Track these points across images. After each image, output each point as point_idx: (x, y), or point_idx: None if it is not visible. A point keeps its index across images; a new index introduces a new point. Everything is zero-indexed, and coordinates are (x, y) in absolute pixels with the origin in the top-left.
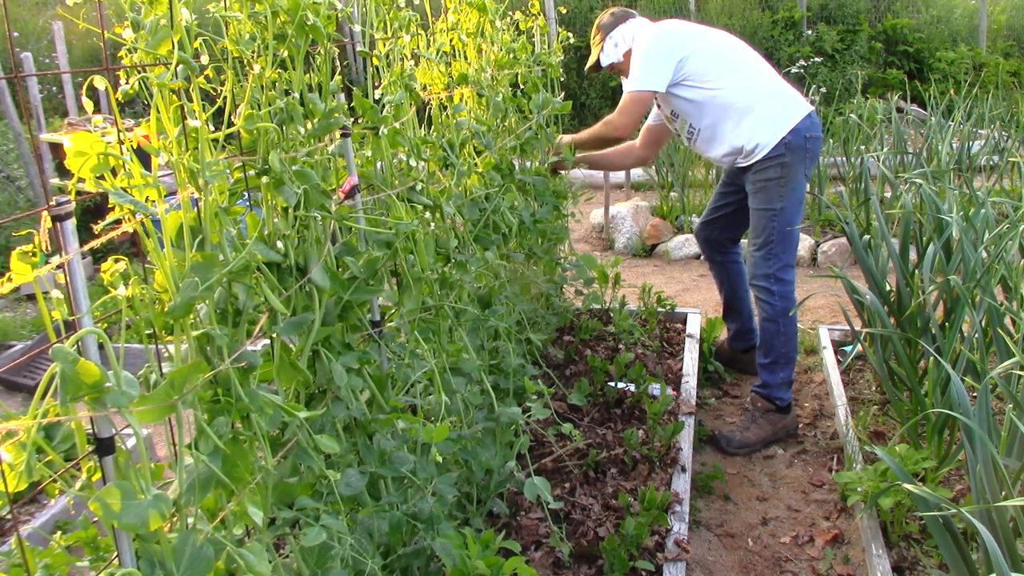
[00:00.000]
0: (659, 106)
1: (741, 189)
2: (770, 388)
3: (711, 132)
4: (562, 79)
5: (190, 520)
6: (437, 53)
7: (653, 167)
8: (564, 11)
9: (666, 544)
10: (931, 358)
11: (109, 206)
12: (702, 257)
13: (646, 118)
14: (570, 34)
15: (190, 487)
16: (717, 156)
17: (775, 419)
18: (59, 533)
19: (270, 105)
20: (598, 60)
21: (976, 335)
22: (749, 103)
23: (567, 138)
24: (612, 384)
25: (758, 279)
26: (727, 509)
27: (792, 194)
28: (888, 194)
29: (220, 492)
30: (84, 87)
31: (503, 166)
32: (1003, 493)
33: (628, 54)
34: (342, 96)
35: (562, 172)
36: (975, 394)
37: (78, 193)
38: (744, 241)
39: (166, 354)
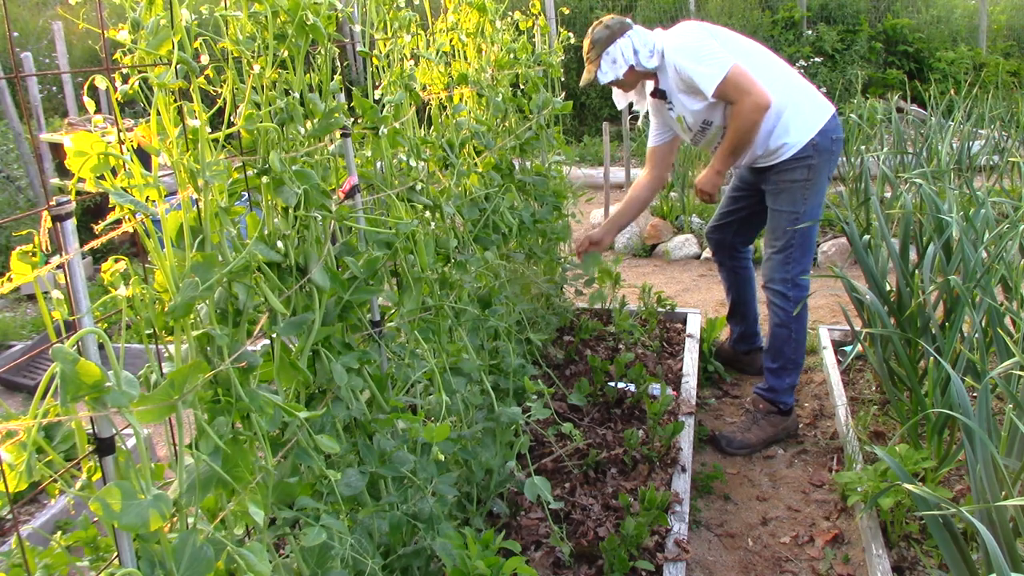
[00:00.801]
0: (683, 119)
1: (755, 192)
2: (776, 392)
3: None
4: (562, 79)
5: (190, 520)
6: (437, 53)
7: None
8: (567, 11)
9: (666, 544)
10: (931, 358)
11: (109, 206)
12: (702, 257)
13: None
14: (571, 34)
15: (190, 487)
16: (746, 160)
17: (776, 421)
18: (59, 533)
19: (270, 105)
20: (595, 77)
21: (976, 335)
22: (780, 103)
23: (712, 164)
24: (612, 384)
25: (775, 283)
26: (727, 509)
27: (815, 197)
28: (888, 194)
29: (220, 492)
30: (85, 87)
31: (503, 166)
32: (1003, 493)
33: (631, 71)
34: (342, 96)
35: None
36: (975, 394)
37: (78, 193)
38: (751, 245)
39: (166, 354)
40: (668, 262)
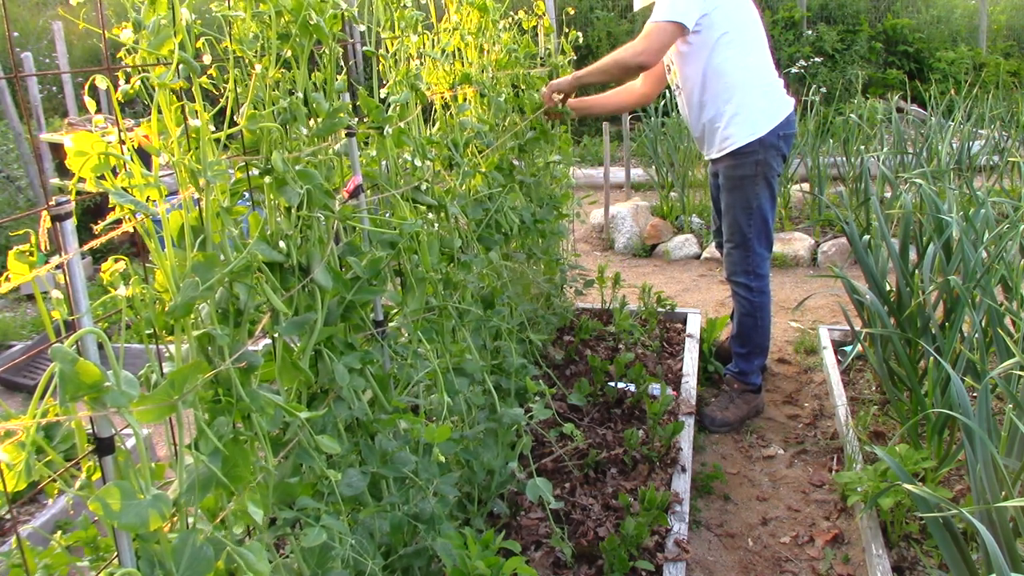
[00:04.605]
0: None
1: None
2: (746, 375)
3: (697, 95)
4: None
5: (190, 520)
6: (443, 53)
7: (653, 167)
8: (572, 12)
9: (666, 544)
10: (931, 358)
11: (109, 206)
12: (702, 257)
13: None
14: (579, 33)
15: (190, 487)
16: (693, 123)
17: (750, 399)
18: (59, 533)
19: (273, 105)
20: (631, 4)
21: (976, 335)
22: (733, 99)
23: (569, 78)
24: (612, 384)
25: (738, 275)
26: (727, 509)
27: (767, 189)
28: (888, 194)
29: (220, 492)
30: (86, 87)
31: (504, 166)
32: (1003, 493)
33: None
34: (347, 96)
35: (566, 111)
36: (975, 394)
37: (78, 193)
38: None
39: (167, 354)
40: (668, 262)
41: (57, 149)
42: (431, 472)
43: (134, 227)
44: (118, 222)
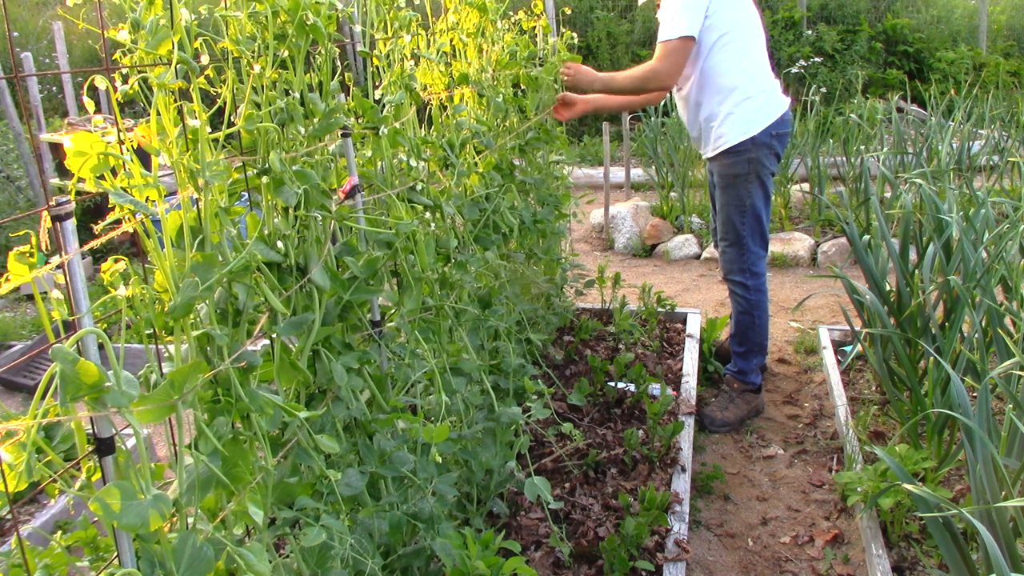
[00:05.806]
0: None
1: None
2: (745, 374)
3: (694, 95)
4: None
5: (190, 520)
6: (437, 53)
7: (653, 167)
8: (569, 11)
9: (666, 544)
10: (931, 358)
11: (109, 206)
12: (702, 257)
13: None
14: (574, 34)
15: (190, 487)
16: (690, 122)
17: (750, 399)
18: (59, 533)
19: (270, 105)
20: (634, 2)
21: (976, 335)
22: (729, 98)
23: (603, 76)
24: (612, 384)
25: (734, 274)
26: (727, 509)
27: (760, 188)
28: (888, 194)
29: (220, 492)
30: (85, 87)
31: (503, 166)
32: (1003, 493)
33: None
34: (343, 96)
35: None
36: (975, 394)
37: (78, 193)
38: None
39: (166, 354)
40: (668, 262)
41: (57, 149)
42: (429, 471)
43: (133, 227)
44: (118, 222)
